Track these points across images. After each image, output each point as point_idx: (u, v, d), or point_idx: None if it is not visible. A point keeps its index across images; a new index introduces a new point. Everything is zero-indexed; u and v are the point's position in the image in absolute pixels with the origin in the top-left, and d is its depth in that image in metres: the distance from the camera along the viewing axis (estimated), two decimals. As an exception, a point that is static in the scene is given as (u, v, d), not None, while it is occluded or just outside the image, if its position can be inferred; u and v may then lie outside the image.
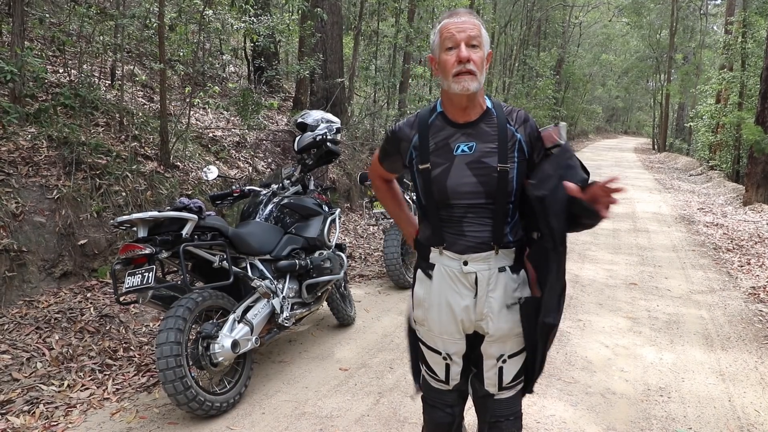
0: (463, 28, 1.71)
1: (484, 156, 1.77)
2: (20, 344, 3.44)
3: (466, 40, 1.70)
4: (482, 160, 1.77)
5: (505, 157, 1.77)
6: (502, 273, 1.83)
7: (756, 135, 10.02)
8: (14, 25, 4.67)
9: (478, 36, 1.73)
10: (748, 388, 3.48)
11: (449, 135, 1.81)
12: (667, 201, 11.61)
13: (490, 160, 1.76)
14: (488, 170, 1.76)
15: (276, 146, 7.84)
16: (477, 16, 1.77)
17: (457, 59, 1.70)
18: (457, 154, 1.79)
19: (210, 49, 9.65)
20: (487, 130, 1.79)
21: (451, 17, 1.75)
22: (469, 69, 1.70)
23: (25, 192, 4.13)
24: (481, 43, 1.73)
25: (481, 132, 1.79)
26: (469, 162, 1.77)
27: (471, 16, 1.75)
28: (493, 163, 1.76)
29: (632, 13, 30.60)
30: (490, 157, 1.77)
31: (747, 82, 15.18)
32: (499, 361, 1.88)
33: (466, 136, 1.80)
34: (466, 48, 1.70)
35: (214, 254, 3.19)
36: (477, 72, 1.71)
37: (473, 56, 1.70)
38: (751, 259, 6.67)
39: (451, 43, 1.71)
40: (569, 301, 4.99)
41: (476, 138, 1.79)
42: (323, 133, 4.04)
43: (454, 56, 1.71)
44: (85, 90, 5.25)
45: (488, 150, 1.77)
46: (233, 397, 3.09)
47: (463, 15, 1.75)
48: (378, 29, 12.75)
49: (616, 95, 47.44)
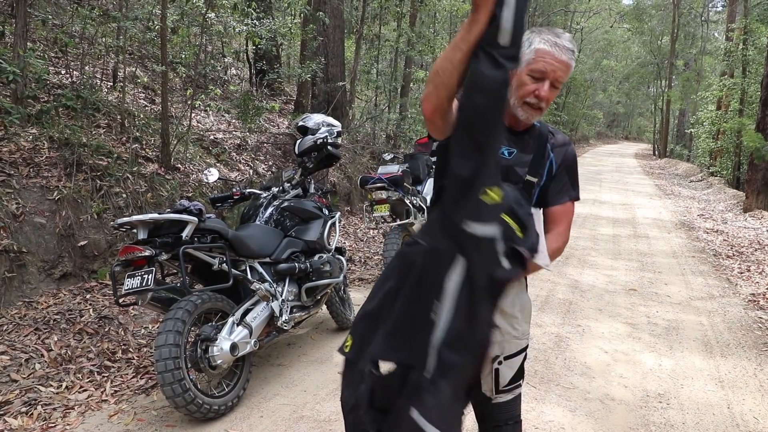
0: (556, 68, 1.70)
1: (518, 165, 1.81)
2: (19, 345, 3.44)
3: (553, 79, 1.70)
4: (515, 168, 1.81)
5: (536, 171, 1.82)
6: None
7: (756, 142, 10.03)
8: (17, 27, 4.68)
9: (564, 80, 1.72)
10: (747, 395, 3.47)
11: None
12: (668, 207, 11.61)
13: (521, 170, 1.81)
14: (516, 179, 1.81)
15: (277, 149, 7.85)
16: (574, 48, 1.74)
17: (535, 94, 1.71)
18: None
19: (212, 51, 9.67)
20: (528, 141, 1.84)
21: (555, 47, 1.70)
22: (539, 106, 1.74)
23: (25, 193, 4.14)
24: (563, 81, 1.73)
25: (523, 142, 1.84)
26: (505, 166, 1.81)
27: (570, 55, 1.71)
28: (522, 173, 1.81)
29: (633, 19, 30.71)
30: (522, 167, 1.81)
31: (748, 89, 15.20)
32: (494, 362, 1.87)
33: (509, 141, 1.84)
34: (549, 88, 1.71)
35: (214, 257, 3.19)
36: (544, 108, 1.75)
37: (550, 95, 1.73)
38: (751, 266, 6.66)
39: (538, 74, 1.71)
40: (569, 307, 4.99)
41: (517, 146, 1.84)
42: (324, 137, 4.05)
43: (534, 87, 1.71)
44: (87, 91, 5.26)
45: (524, 161, 1.82)
46: (231, 400, 3.09)
47: (565, 52, 1.70)
48: (380, 33, 12.78)
49: (617, 101, 47.51)
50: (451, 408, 1.46)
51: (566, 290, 5.50)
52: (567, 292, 5.45)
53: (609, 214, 10.32)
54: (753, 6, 15.85)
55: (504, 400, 1.92)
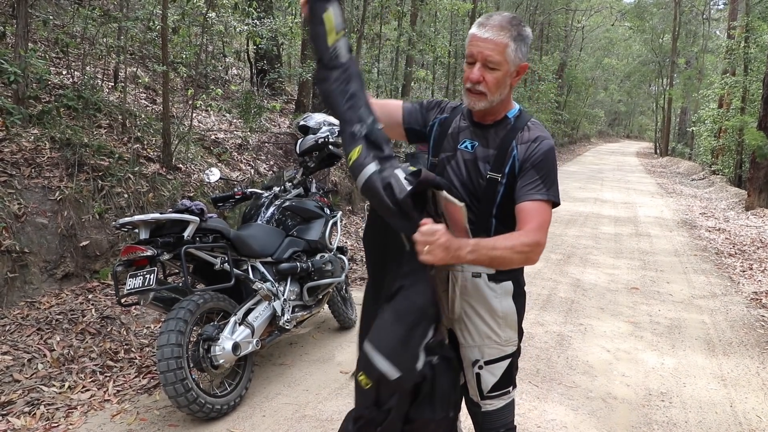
0: (482, 48, 1.66)
1: (480, 160, 1.77)
2: (21, 345, 3.44)
3: (483, 60, 1.67)
4: (477, 163, 1.78)
5: (499, 167, 1.74)
6: (476, 279, 1.77)
7: (758, 140, 10.02)
8: (18, 27, 4.68)
9: (497, 58, 1.66)
10: (750, 393, 3.47)
11: (463, 128, 1.85)
12: (669, 205, 11.59)
13: (483, 165, 1.77)
14: (479, 175, 1.77)
15: (278, 149, 7.85)
16: (513, 26, 1.67)
17: (469, 78, 1.70)
18: (459, 148, 1.82)
19: (213, 51, 9.67)
20: (493, 135, 1.79)
21: (480, 28, 1.67)
22: (477, 90, 1.70)
23: (27, 193, 4.14)
24: (501, 63, 1.66)
25: (488, 136, 1.79)
26: (467, 160, 1.80)
27: (499, 32, 1.65)
28: (485, 169, 1.76)
29: (635, 17, 30.65)
30: (484, 163, 1.77)
31: (749, 86, 15.16)
32: (475, 366, 1.82)
33: (473, 134, 1.82)
34: (480, 68, 1.68)
35: (216, 256, 3.19)
36: (487, 92, 1.70)
37: (487, 77, 1.68)
38: (753, 264, 6.65)
39: (470, 58, 1.70)
40: (570, 306, 4.99)
41: (481, 139, 1.80)
42: (325, 136, 4.04)
43: (468, 72, 1.70)
44: (88, 92, 5.27)
45: (486, 155, 1.77)
46: (234, 399, 3.09)
47: (490, 30, 1.65)
48: (381, 32, 12.77)
49: (619, 99, 47.48)
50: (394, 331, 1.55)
51: (568, 289, 5.50)
52: (569, 290, 5.45)
53: (611, 213, 10.31)
54: (754, 4, 15.80)
55: (494, 407, 1.87)
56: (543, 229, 1.65)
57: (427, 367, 1.56)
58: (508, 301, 1.81)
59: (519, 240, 1.60)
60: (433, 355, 1.58)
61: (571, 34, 32.41)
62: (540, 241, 1.62)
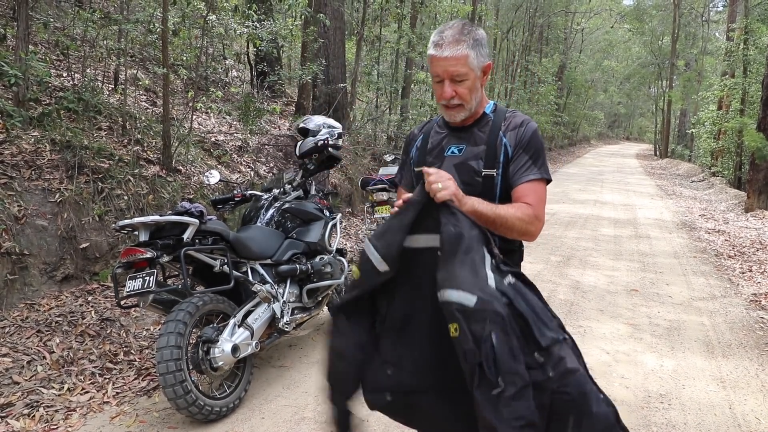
0: (445, 66, 1.70)
1: (471, 159, 1.80)
2: (21, 347, 3.45)
3: (450, 77, 1.72)
4: (469, 163, 1.79)
5: (492, 162, 1.78)
6: None
7: (758, 142, 10.03)
8: (19, 30, 4.69)
9: (462, 71, 1.70)
10: (749, 395, 3.47)
11: (444, 136, 1.88)
12: (669, 207, 11.60)
13: (476, 163, 1.79)
14: (473, 173, 1.79)
15: (278, 151, 7.86)
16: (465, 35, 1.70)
17: (442, 96, 1.75)
18: (447, 155, 1.84)
19: (213, 53, 9.68)
20: (479, 134, 1.82)
21: (437, 48, 1.70)
22: (454, 104, 1.76)
23: (27, 195, 4.15)
24: (467, 73, 1.71)
25: (473, 136, 1.83)
26: (457, 164, 1.81)
27: (456, 47, 1.68)
28: (479, 167, 1.78)
29: (634, 19, 30.72)
30: (476, 160, 1.79)
31: (749, 88, 15.18)
32: None
33: (457, 138, 1.85)
34: (450, 84, 1.73)
35: (215, 258, 3.19)
36: (464, 103, 1.76)
37: (459, 90, 1.73)
38: (753, 266, 6.65)
39: (436, 77, 1.75)
40: (570, 308, 4.99)
41: (467, 141, 1.83)
42: (325, 138, 4.05)
43: (440, 90, 1.76)
44: (89, 94, 5.28)
45: (475, 153, 1.80)
46: (233, 401, 3.09)
47: (447, 48, 1.68)
48: (380, 35, 12.80)
49: (618, 101, 47.52)
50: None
51: (567, 291, 5.50)
52: (568, 292, 5.45)
53: (610, 215, 10.31)
54: (753, 6, 15.84)
55: None
56: (541, 203, 1.73)
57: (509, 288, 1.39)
58: None
59: (520, 209, 1.69)
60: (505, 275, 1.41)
61: (571, 37, 32.47)
62: (539, 215, 1.71)
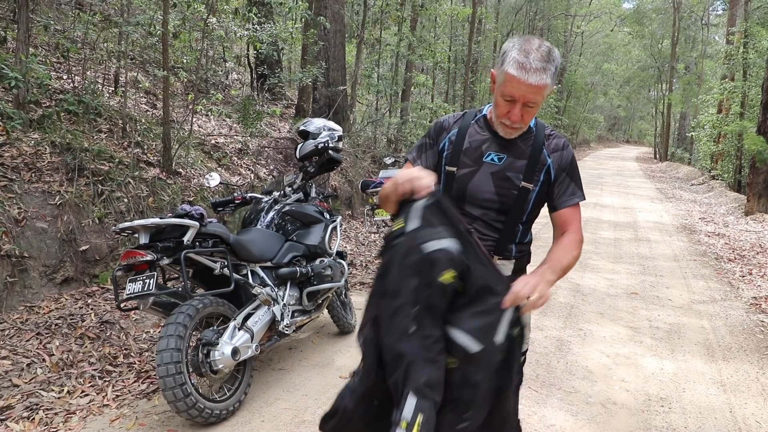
0: (526, 93, 1.65)
1: (511, 170, 1.80)
2: (21, 350, 3.44)
3: (525, 102, 1.69)
4: (507, 174, 1.80)
5: (531, 177, 1.79)
6: None
7: (758, 145, 10.03)
8: (19, 32, 4.70)
9: (539, 99, 1.68)
10: (750, 398, 3.47)
11: (484, 140, 1.84)
12: (669, 210, 11.60)
13: (515, 176, 1.79)
14: (511, 186, 1.79)
15: (278, 153, 7.86)
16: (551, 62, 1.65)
17: (508, 116, 1.73)
18: (485, 161, 1.82)
19: (213, 56, 9.69)
20: (521, 146, 1.82)
21: (522, 71, 1.62)
22: (515, 127, 1.76)
23: (27, 197, 4.15)
24: (539, 102, 1.70)
25: (515, 147, 1.82)
26: (495, 172, 1.80)
27: (541, 75, 1.63)
28: (517, 180, 1.79)
29: (634, 22, 30.74)
30: (516, 173, 1.79)
31: (748, 92, 15.20)
32: None
33: (499, 146, 1.82)
34: (521, 108, 1.70)
35: (215, 261, 3.19)
36: (523, 125, 1.77)
37: (525, 116, 1.72)
38: (753, 269, 6.65)
39: (510, 97, 1.69)
40: (570, 311, 4.99)
41: (508, 151, 1.82)
42: (325, 141, 4.05)
43: (507, 109, 1.72)
44: (89, 96, 5.28)
45: (517, 166, 1.80)
46: (233, 404, 3.09)
47: (533, 74, 1.62)
48: (381, 37, 12.81)
49: (618, 104, 47.55)
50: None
51: (567, 294, 5.50)
52: (568, 295, 5.45)
53: (610, 218, 10.32)
54: (753, 9, 15.86)
55: None
56: (580, 224, 1.89)
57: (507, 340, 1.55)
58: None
59: (576, 245, 1.84)
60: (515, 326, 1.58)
61: (571, 40, 32.50)
62: (582, 236, 1.88)
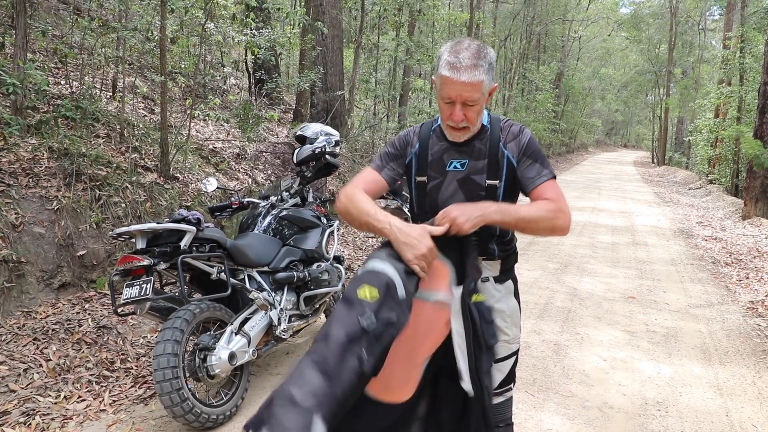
0: (460, 91, 1.67)
1: (474, 173, 1.83)
2: (18, 355, 3.44)
3: (463, 101, 1.70)
4: (472, 177, 1.83)
5: (494, 173, 1.82)
6: (485, 283, 1.89)
7: (755, 149, 10.06)
8: (17, 38, 4.71)
9: (476, 96, 1.69)
10: (746, 402, 3.47)
11: (444, 150, 1.88)
12: (666, 214, 11.63)
13: (479, 177, 1.82)
14: (477, 187, 1.82)
15: (275, 158, 7.88)
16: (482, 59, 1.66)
17: (451, 118, 1.74)
18: (449, 170, 1.86)
19: (211, 61, 9.72)
20: (479, 147, 1.84)
21: (453, 70, 1.65)
22: (460, 127, 1.77)
23: (24, 203, 4.15)
24: (479, 98, 1.70)
25: (474, 149, 1.84)
26: (460, 179, 1.84)
27: (473, 72, 1.65)
28: (482, 180, 1.82)
29: (631, 27, 30.90)
30: (480, 174, 1.82)
31: (745, 96, 15.28)
32: None
33: (458, 153, 1.85)
34: (461, 108, 1.72)
35: (213, 266, 3.20)
36: (471, 126, 1.77)
37: (468, 114, 1.73)
38: (750, 274, 6.67)
39: (448, 98, 1.72)
40: (567, 315, 4.99)
41: (468, 155, 1.84)
42: (322, 146, 4.06)
43: (448, 111, 1.74)
44: (87, 102, 5.29)
45: (479, 167, 1.83)
46: (230, 409, 3.09)
47: (464, 72, 1.64)
48: (378, 42, 12.86)
49: (616, 109, 47.71)
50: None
51: (565, 298, 5.50)
52: (565, 299, 5.45)
53: (608, 222, 10.33)
54: (750, 15, 15.95)
55: (495, 402, 1.94)
56: (560, 197, 1.75)
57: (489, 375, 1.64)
58: (512, 300, 1.95)
59: (547, 207, 1.71)
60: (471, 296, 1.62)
61: (568, 44, 32.62)
62: (562, 208, 1.72)
